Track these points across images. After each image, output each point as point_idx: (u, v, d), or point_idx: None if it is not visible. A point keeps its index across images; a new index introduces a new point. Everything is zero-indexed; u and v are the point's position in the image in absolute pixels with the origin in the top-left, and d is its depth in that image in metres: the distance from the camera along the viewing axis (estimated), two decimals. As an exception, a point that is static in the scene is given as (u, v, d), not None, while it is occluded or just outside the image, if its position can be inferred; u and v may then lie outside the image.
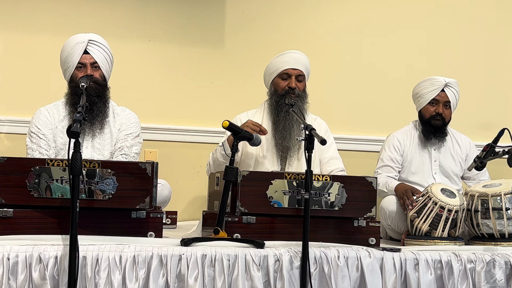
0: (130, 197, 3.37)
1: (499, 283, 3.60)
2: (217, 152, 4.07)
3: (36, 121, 3.98)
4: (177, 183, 4.86)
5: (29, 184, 3.31)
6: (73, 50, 3.94)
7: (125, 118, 4.08)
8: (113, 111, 4.06)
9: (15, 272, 3.07)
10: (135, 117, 4.12)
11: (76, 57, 3.94)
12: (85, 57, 3.95)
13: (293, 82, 4.22)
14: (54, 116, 4.00)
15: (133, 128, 4.07)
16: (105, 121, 3.98)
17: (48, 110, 4.02)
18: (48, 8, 4.94)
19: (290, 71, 4.24)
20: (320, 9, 5.37)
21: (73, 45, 3.96)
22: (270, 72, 4.29)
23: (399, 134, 4.62)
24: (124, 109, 4.12)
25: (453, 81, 4.54)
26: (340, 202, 3.64)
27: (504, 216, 3.92)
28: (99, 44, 3.99)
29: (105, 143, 3.98)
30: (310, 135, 3.39)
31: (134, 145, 4.03)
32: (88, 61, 3.95)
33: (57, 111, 4.01)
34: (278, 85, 4.24)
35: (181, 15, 5.16)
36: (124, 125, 4.05)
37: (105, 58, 4.00)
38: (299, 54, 4.29)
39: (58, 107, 4.03)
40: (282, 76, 4.25)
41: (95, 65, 3.96)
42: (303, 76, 4.27)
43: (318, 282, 3.39)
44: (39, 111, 4.03)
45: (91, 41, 3.96)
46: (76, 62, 3.94)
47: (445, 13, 5.55)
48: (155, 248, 3.23)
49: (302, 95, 4.23)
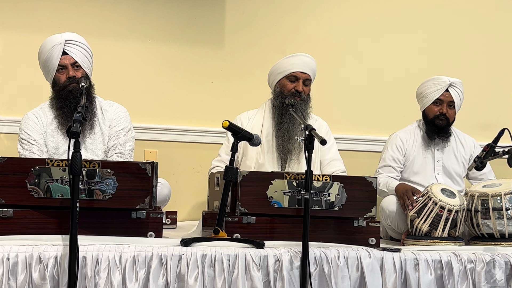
0: (130, 197, 3.37)
1: (499, 283, 3.60)
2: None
3: (25, 127, 3.91)
4: (177, 183, 4.86)
5: (29, 184, 3.31)
6: (51, 53, 3.87)
7: (115, 114, 4.01)
8: (101, 108, 4.00)
9: (15, 272, 3.07)
10: (124, 111, 4.06)
11: (55, 59, 3.87)
12: (64, 58, 3.87)
13: (300, 85, 4.21)
14: (42, 120, 3.94)
15: (124, 123, 4.01)
16: (94, 120, 3.93)
17: (36, 115, 3.96)
18: (48, 8, 4.94)
19: (299, 74, 4.23)
20: (320, 9, 5.36)
21: (50, 47, 3.88)
22: (277, 72, 4.27)
23: (402, 133, 4.60)
24: (111, 104, 4.05)
25: (457, 81, 4.52)
26: (340, 202, 3.64)
27: (504, 216, 3.91)
28: (77, 43, 3.90)
29: (97, 142, 3.95)
30: (310, 135, 3.39)
31: (128, 141, 3.99)
32: (68, 61, 3.87)
33: (44, 115, 3.95)
34: (284, 86, 4.23)
35: (181, 15, 5.15)
36: (115, 121, 4.00)
37: (85, 56, 3.91)
38: (309, 58, 4.28)
39: (44, 110, 3.97)
40: (290, 78, 4.23)
41: (76, 65, 3.89)
42: (310, 80, 4.27)
43: (318, 282, 3.39)
44: (26, 116, 3.96)
45: (68, 41, 3.88)
46: (56, 64, 3.87)
47: (445, 13, 5.55)
48: (155, 248, 3.22)
49: (306, 99, 4.22)
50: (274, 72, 4.30)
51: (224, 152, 4.24)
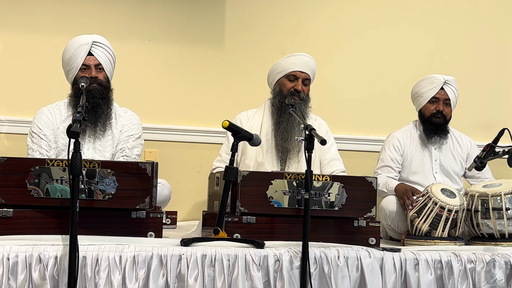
0: (130, 197, 3.37)
1: (499, 283, 3.60)
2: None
3: (38, 121, 3.97)
4: (177, 183, 4.86)
5: (29, 184, 3.31)
6: (77, 52, 3.93)
7: (127, 120, 4.07)
8: (115, 113, 4.06)
9: (15, 272, 3.07)
10: (137, 119, 4.12)
11: (80, 58, 3.93)
12: (89, 59, 3.94)
13: (299, 85, 4.21)
14: (56, 116, 3.99)
15: (135, 130, 4.07)
16: (107, 122, 3.98)
17: (50, 111, 4.01)
18: (48, 8, 4.94)
19: (298, 73, 4.23)
20: (320, 9, 5.37)
21: (77, 46, 3.94)
22: (277, 71, 4.28)
23: (399, 133, 4.62)
24: (126, 110, 4.12)
25: (451, 79, 4.55)
26: (340, 202, 3.64)
27: (504, 216, 3.91)
28: (103, 46, 3.98)
29: (106, 144, 3.98)
30: (310, 135, 3.39)
31: (136, 146, 4.03)
32: (92, 62, 3.94)
33: (58, 112, 4.01)
34: (284, 86, 4.23)
35: (181, 15, 5.15)
36: (126, 126, 4.05)
37: (108, 59, 3.99)
38: (308, 58, 4.28)
39: (60, 107, 4.02)
40: (289, 77, 4.24)
41: (99, 67, 3.95)
42: (309, 80, 4.27)
43: (318, 282, 3.39)
44: (41, 111, 4.02)
45: (95, 43, 3.96)
46: (80, 63, 3.93)
47: (445, 13, 5.55)
48: (155, 248, 3.22)
49: (306, 99, 4.22)
50: (273, 71, 4.30)
51: (225, 152, 4.24)
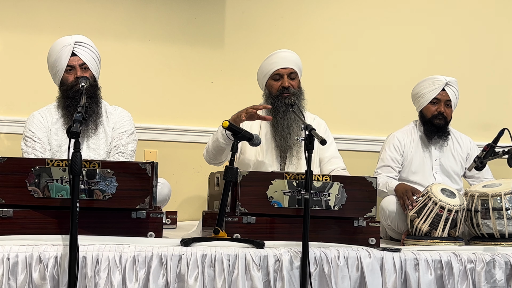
0: (130, 197, 3.37)
1: (499, 283, 3.60)
2: (218, 132, 4.00)
3: (30, 125, 3.99)
4: (177, 183, 4.86)
5: (29, 184, 3.31)
6: (60, 54, 3.94)
7: (119, 117, 4.08)
8: (106, 111, 4.06)
9: (15, 272, 3.07)
10: (128, 115, 4.12)
11: (64, 60, 3.93)
12: (73, 59, 3.94)
13: (285, 81, 4.21)
14: (47, 119, 4.01)
15: (127, 126, 4.07)
16: (98, 121, 3.99)
17: (41, 114, 4.03)
18: (48, 8, 4.95)
19: (281, 71, 4.23)
20: (320, 9, 5.37)
21: (59, 48, 3.95)
22: (262, 75, 4.29)
23: (399, 133, 4.62)
24: (116, 108, 4.13)
25: (453, 80, 4.55)
26: (340, 202, 3.64)
27: (504, 216, 3.92)
28: (86, 45, 3.98)
29: (100, 142, 3.99)
30: (310, 135, 3.39)
31: (130, 142, 4.04)
32: (77, 63, 3.94)
33: (49, 114, 4.02)
34: (272, 87, 4.24)
35: (181, 15, 5.16)
36: (118, 123, 4.06)
37: (93, 58, 3.99)
38: (287, 53, 4.28)
39: (50, 110, 4.05)
40: (274, 77, 4.24)
41: (84, 66, 3.96)
42: (295, 73, 4.26)
43: (318, 282, 3.39)
44: (32, 115, 4.04)
45: (77, 43, 3.95)
46: (65, 65, 3.94)
47: (445, 13, 5.55)
48: (155, 248, 3.22)
49: (298, 92, 4.21)
50: (259, 76, 4.33)
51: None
